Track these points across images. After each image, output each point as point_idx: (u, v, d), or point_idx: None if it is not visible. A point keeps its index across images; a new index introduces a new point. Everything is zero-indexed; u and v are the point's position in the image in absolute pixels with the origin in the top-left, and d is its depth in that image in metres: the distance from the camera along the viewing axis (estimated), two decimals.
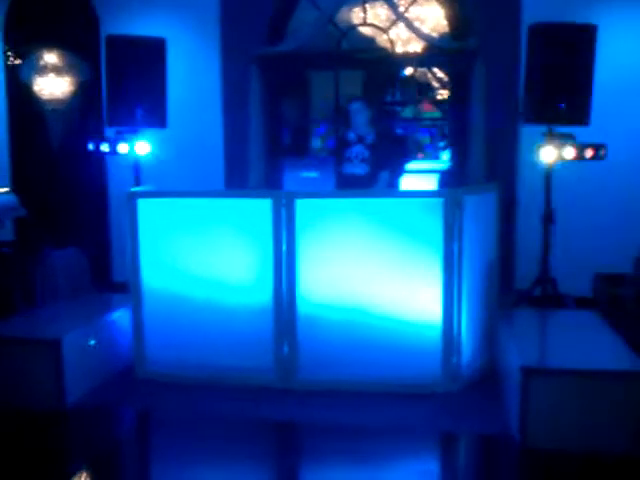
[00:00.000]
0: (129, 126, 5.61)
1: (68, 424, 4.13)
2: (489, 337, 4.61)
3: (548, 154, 5.03)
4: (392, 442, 3.81)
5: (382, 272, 4.33)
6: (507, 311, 4.81)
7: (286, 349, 4.42)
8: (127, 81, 5.52)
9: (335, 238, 4.37)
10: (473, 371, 4.48)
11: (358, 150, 5.42)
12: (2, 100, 7.18)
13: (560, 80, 4.99)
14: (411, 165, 7.57)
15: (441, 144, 9.00)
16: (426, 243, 4.29)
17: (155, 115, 5.62)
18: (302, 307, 4.39)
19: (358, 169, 5.38)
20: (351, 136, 5.48)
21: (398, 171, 5.56)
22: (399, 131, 8.21)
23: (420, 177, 7.73)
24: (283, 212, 4.36)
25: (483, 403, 4.19)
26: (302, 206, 4.36)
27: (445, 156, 7.87)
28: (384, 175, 5.36)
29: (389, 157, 5.42)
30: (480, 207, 4.52)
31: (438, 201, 4.27)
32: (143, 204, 4.58)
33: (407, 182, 5.79)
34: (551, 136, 5.07)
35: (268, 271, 4.41)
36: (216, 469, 3.64)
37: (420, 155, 9.08)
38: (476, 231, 4.45)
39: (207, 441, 3.84)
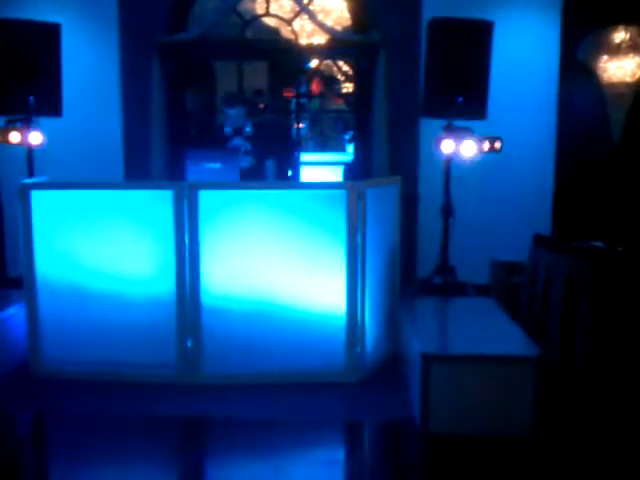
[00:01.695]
0: (20, 114, 5.35)
1: None
2: (392, 326, 4.70)
3: (447, 147, 5.15)
4: (297, 434, 3.82)
5: (286, 264, 4.33)
6: (409, 299, 4.91)
7: (190, 343, 4.35)
8: (18, 68, 5.26)
9: (239, 230, 4.32)
10: (377, 360, 4.55)
11: (238, 142, 5.40)
12: None
13: (458, 74, 5.13)
14: (317, 157, 7.62)
15: (347, 136, 9.09)
16: (330, 234, 4.31)
17: (49, 103, 5.38)
18: (206, 299, 4.33)
19: (244, 162, 5.35)
20: (227, 130, 5.45)
21: (285, 159, 5.57)
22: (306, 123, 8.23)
23: (325, 169, 7.79)
24: (185, 203, 4.28)
25: (387, 391, 4.25)
26: (205, 197, 4.29)
27: (351, 148, 7.96)
28: (269, 164, 5.35)
29: (270, 146, 5.41)
30: (382, 199, 4.58)
31: (341, 193, 4.30)
32: (37, 196, 4.39)
33: (312, 173, 5.82)
34: (449, 129, 5.19)
35: (170, 263, 4.32)
36: (117, 469, 3.51)
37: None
38: (378, 222, 4.51)
39: (107, 441, 3.72)
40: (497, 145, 5.13)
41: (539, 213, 6.12)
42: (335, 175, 6.87)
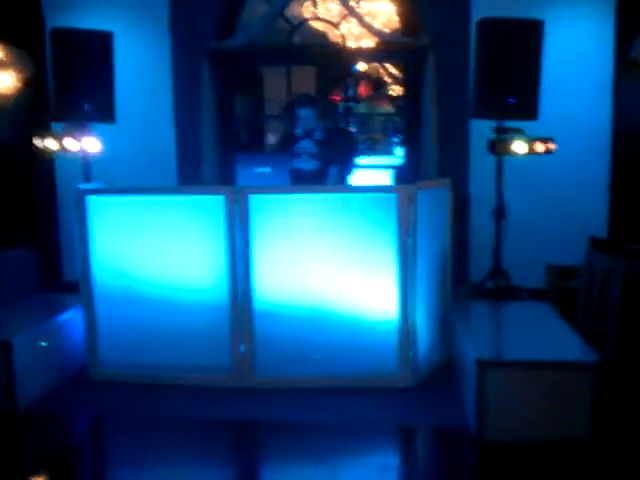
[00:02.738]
0: (77, 121, 5.47)
1: (20, 429, 4.01)
2: (445, 331, 4.65)
3: (498, 148, 5.08)
4: (350, 438, 3.80)
5: (337, 268, 4.33)
6: (461, 304, 4.86)
7: (243, 347, 4.38)
8: (74, 76, 5.39)
9: (290, 234, 4.34)
10: (430, 365, 4.51)
11: (306, 145, 5.40)
12: None
13: (508, 75, 5.06)
14: (365, 160, 7.60)
15: (395, 139, 9.04)
16: (381, 238, 4.29)
17: (104, 110, 5.50)
18: (258, 304, 4.36)
19: (307, 164, 5.36)
20: (297, 131, 5.46)
21: (348, 167, 5.56)
22: (352, 127, 8.20)
23: (374, 172, 7.76)
24: (236, 208, 4.32)
25: (440, 396, 4.21)
26: (256, 201, 4.32)
27: (399, 151, 7.91)
28: (333, 171, 5.35)
29: (338, 153, 5.41)
30: (433, 202, 4.54)
31: (392, 196, 4.27)
32: (92, 201, 4.48)
33: (361, 177, 5.80)
34: (501, 131, 5.12)
35: (223, 268, 4.36)
36: (172, 470, 3.56)
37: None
38: (429, 225, 4.47)
39: (163, 442, 3.78)
40: (551, 146, 5.05)
41: (594, 215, 5.98)
42: (385, 178, 6.83)
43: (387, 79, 9.33)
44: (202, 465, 3.62)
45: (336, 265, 4.33)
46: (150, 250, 4.45)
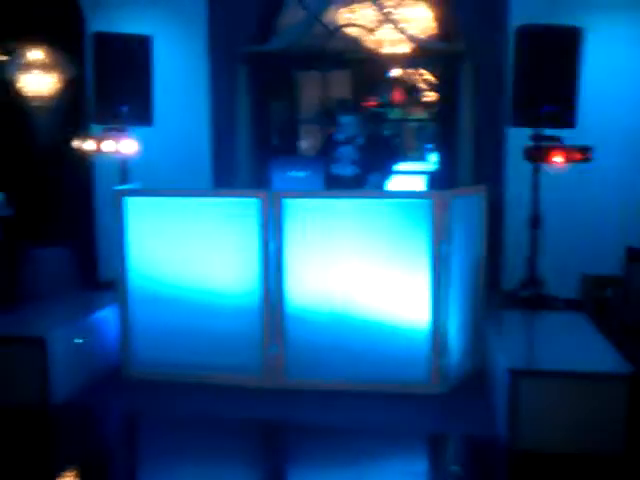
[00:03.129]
0: (115, 124, 5.56)
1: (53, 423, 4.08)
2: (478, 339, 4.62)
3: (535, 157, 5.04)
4: (379, 443, 3.80)
5: (370, 272, 4.33)
6: (494, 312, 4.82)
7: (274, 349, 4.40)
8: (113, 79, 5.48)
9: (323, 238, 4.36)
10: (462, 373, 4.48)
11: (348, 151, 5.40)
12: None
13: (547, 83, 5.01)
14: (399, 166, 7.57)
15: (428, 146, 9.00)
16: (414, 244, 4.28)
17: (141, 113, 5.57)
18: (290, 307, 4.38)
19: (347, 170, 5.36)
20: (339, 136, 5.47)
21: (387, 173, 5.55)
22: (387, 132, 8.20)
23: (408, 178, 7.75)
24: (271, 211, 4.35)
25: (471, 405, 4.19)
26: (290, 205, 4.35)
27: (433, 158, 7.88)
28: (374, 178, 5.34)
29: (379, 159, 5.40)
30: (468, 209, 4.53)
31: (426, 202, 4.27)
32: (130, 202, 4.55)
33: (395, 183, 5.78)
34: (538, 139, 5.08)
35: (256, 271, 4.39)
36: (203, 469, 3.58)
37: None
38: (464, 233, 4.45)
39: (194, 441, 3.81)
40: (587, 155, 4.99)
41: (631, 225, 5.89)
42: (419, 184, 6.82)
43: (421, 85, 9.29)
44: (230, 465, 3.65)
45: (369, 270, 4.33)
46: (185, 252, 4.50)
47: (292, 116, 9.06)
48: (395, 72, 8.88)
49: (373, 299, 4.33)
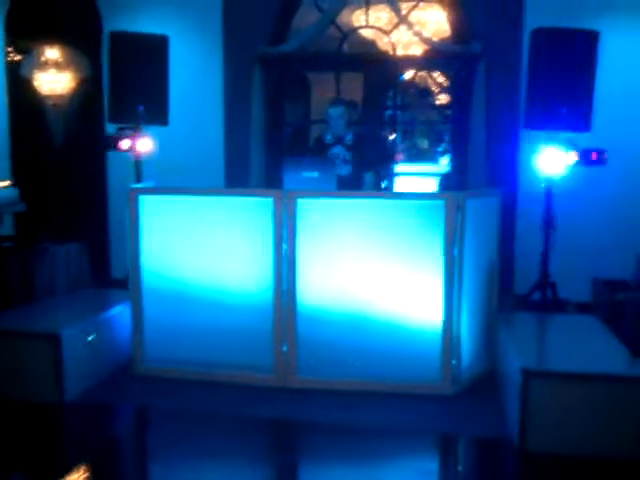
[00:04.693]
0: (130, 123, 5.60)
1: (66, 418, 4.11)
2: (490, 341, 4.62)
3: (549, 159, 5.03)
4: (390, 442, 3.81)
5: (382, 273, 4.33)
6: (507, 314, 4.81)
7: (285, 348, 4.41)
8: (129, 78, 5.51)
9: (336, 238, 4.36)
10: (474, 374, 4.47)
11: (338, 151, 5.43)
12: (3, 95, 7.16)
13: (562, 85, 5.00)
14: (409, 168, 7.59)
15: (439, 148, 9.01)
16: (427, 245, 4.28)
17: (157, 112, 5.60)
18: (301, 306, 4.39)
19: (341, 170, 5.39)
20: (328, 137, 5.48)
21: (384, 173, 5.57)
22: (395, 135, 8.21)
23: (419, 179, 7.76)
24: (285, 210, 4.36)
25: (483, 406, 4.18)
26: (304, 205, 4.36)
27: (444, 160, 7.89)
28: (368, 177, 5.36)
29: (371, 158, 5.42)
30: (482, 211, 4.52)
31: (440, 203, 4.27)
32: (144, 200, 4.57)
33: (405, 184, 5.81)
34: (552, 141, 5.07)
35: (268, 269, 4.41)
36: (213, 466, 3.62)
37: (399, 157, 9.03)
38: (477, 235, 4.45)
39: (204, 438, 3.83)
40: (602, 158, 4.97)
41: None
42: (430, 186, 6.83)
43: (434, 88, 9.32)
44: (240, 463, 3.66)
45: (382, 270, 4.33)
46: (198, 250, 4.51)
47: (304, 118, 9.10)
48: (408, 75, 8.91)
49: (386, 299, 4.34)
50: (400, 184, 7.07)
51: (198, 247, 4.52)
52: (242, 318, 4.46)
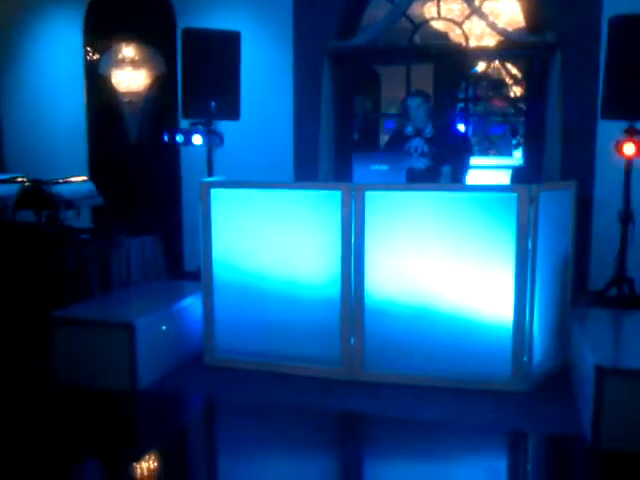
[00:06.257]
0: (203, 118, 5.70)
1: (138, 406, 4.25)
2: (563, 337, 4.50)
3: (628, 150, 4.86)
4: (459, 438, 3.76)
5: (452, 267, 4.28)
6: (581, 311, 4.68)
7: (353, 341, 4.42)
8: (202, 74, 5.61)
9: (405, 232, 4.34)
10: (546, 371, 4.37)
11: (417, 144, 5.39)
12: (81, 93, 7.42)
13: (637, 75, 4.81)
14: (483, 161, 7.46)
15: (514, 141, 8.83)
16: (499, 239, 4.20)
17: (229, 107, 5.69)
18: (369, 300, 4.38)
19: (418, 163, 5.35)
20: (408, 129, 5.45)
21: (461, 166, 5.48)
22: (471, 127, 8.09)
23: (493, 172, 7.62)
24: (353, 204, 4.36)
25: (555, 403, 4.08)
26: (372, 198, 4.35)
27: (518, 152, 7.73)
28: (446, 169, 5.31)
29: (450, 151, 5.35)
30: (556, 204, 4.41)
31: (511, 196, 4.18)
32: (216, 194, 4.65)
33: (479, 177, 5.71)
34: (631, 132, 4.90)
35: (336, 263, 4.42)
36: (278, 457, 3.65)
37: (491, 151, 8.93)
38: (551, 228, 4.35)
39: (270, 429, 3.88)
40: None
41: None
42: (504, 179, 6.70)
43: (508, 80, 9.13)
44: (307, 455, 3.70)
45: (451, 264, 4.28)
46: (268, 243, 4.57)
47: (375, 111, 9.07)
48: (480, 67, 8.76)
49: (455, 294, 4.28)
50: (473, 177, 6.97)
51: (268, 240, 4.57)
52: (311, 311, 4.49)
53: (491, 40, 6.89)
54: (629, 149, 4.85)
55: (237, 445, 3.73)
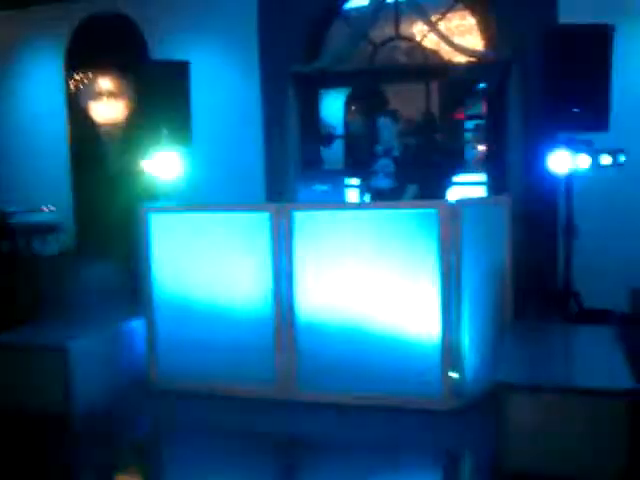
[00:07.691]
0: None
1: (75, 431, 4.26)
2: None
3: (561, 162, 4.81)
4: (385, 458, 3.77)
5: (380, 285, 4.30)
6: (520, 325, 4.58)
7: (285, 360, 4.43)
8: (156, 104, 5.69)
9: (333, 250, 4.38)
10: (479, 388, 4.30)
11: (384, 163, 5.41)
12: (63, 125, 7.65)
13: (578, 85, 4.77)
14: (460, 177, 7.40)
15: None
16: (423, 255, 4.21)
17: (181, 135, 5.75)
18: (301, 319, 4.42)
19: (383, 182, 5.37)
20: (378, 149, 5.48)
21: (433, 184, 5.47)
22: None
23: (468, 189, 7.57)
24: (282, 224, 4.41)
25: (482, 422, 3.96)
26: (300, 219, 4.40)
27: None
28: (411, 188, 5.31)
29: (418, 169, 5.36)
30: (485, 218, 4.41)
31: (432, 212, 4.19)
32: (154, 219, 4.76)
33: (455, 193, 5.76)
34: (569, 143, 4.84)
35: (268, 283, 4.47)
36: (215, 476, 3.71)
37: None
38: (480, 243, 4.33)
39: (208, 452, 3.89)
40: (619, 159, 4.69)
41: None
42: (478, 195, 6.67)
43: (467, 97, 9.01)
44: (240, 476, 3.73)
45: (378, 281, 4.29)
46: (204, 265, 4.65)
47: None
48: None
49: (383, 312, 4.29)
50: (452, 194, 6.94)
51: (204, 262, 4.65)
52: (245, 331, 4.55)
53: (450, 56, 6.86)
54: (561, 161, 4.79)
55: (176, 468, 3.81)
